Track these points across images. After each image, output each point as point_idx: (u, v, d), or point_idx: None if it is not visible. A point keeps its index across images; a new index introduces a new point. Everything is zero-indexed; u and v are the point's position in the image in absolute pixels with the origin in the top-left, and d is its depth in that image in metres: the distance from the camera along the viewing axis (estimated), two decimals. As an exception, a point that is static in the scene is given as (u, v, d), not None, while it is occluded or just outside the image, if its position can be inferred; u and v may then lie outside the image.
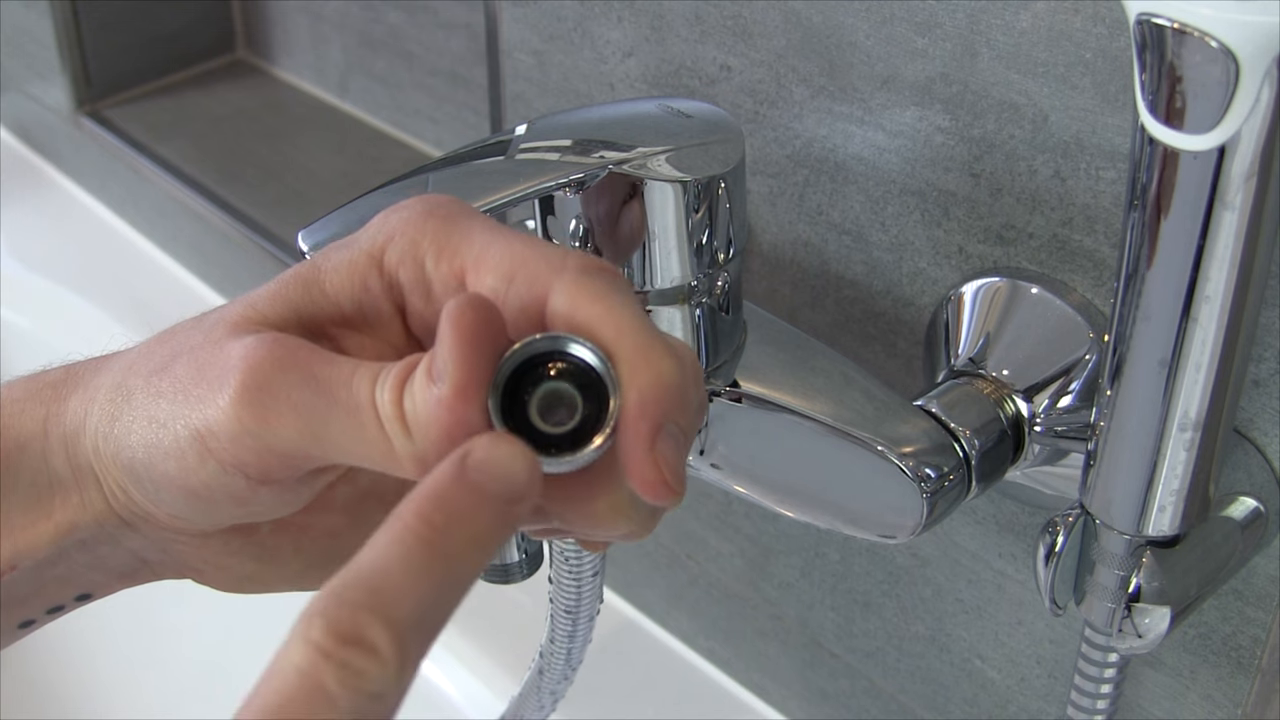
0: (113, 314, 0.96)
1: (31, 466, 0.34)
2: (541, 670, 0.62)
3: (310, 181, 0.91)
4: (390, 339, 0.33)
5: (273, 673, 0.26)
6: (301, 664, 0.25)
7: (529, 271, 0.30)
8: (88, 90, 1.01)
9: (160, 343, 0.34)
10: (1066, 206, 0.48)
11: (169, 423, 0.32)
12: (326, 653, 0.25)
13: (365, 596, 0.26)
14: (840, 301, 0.57)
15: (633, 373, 0.29)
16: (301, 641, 0.25)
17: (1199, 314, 0.37)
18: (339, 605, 0.26)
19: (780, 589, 0.67)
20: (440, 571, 0.27)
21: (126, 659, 0.96)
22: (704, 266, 0.46)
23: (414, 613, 0.26)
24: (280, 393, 0.30)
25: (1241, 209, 0.35)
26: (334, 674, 0.25)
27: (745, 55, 0.56)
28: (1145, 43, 0.34)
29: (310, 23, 0.94)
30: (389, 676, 0.25)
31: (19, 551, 0.34)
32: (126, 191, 1.03)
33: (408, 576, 0.26)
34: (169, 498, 0.33)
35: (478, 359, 0.28)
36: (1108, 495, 0.43)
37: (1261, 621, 0.48)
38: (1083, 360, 0.49)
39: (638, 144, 0.44)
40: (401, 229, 0.32)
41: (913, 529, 0.47)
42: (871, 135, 0.53)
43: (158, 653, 0.94)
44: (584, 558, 0.57)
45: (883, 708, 0.65)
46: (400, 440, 0.29)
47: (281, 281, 0.33)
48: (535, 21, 0.65)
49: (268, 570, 0.36)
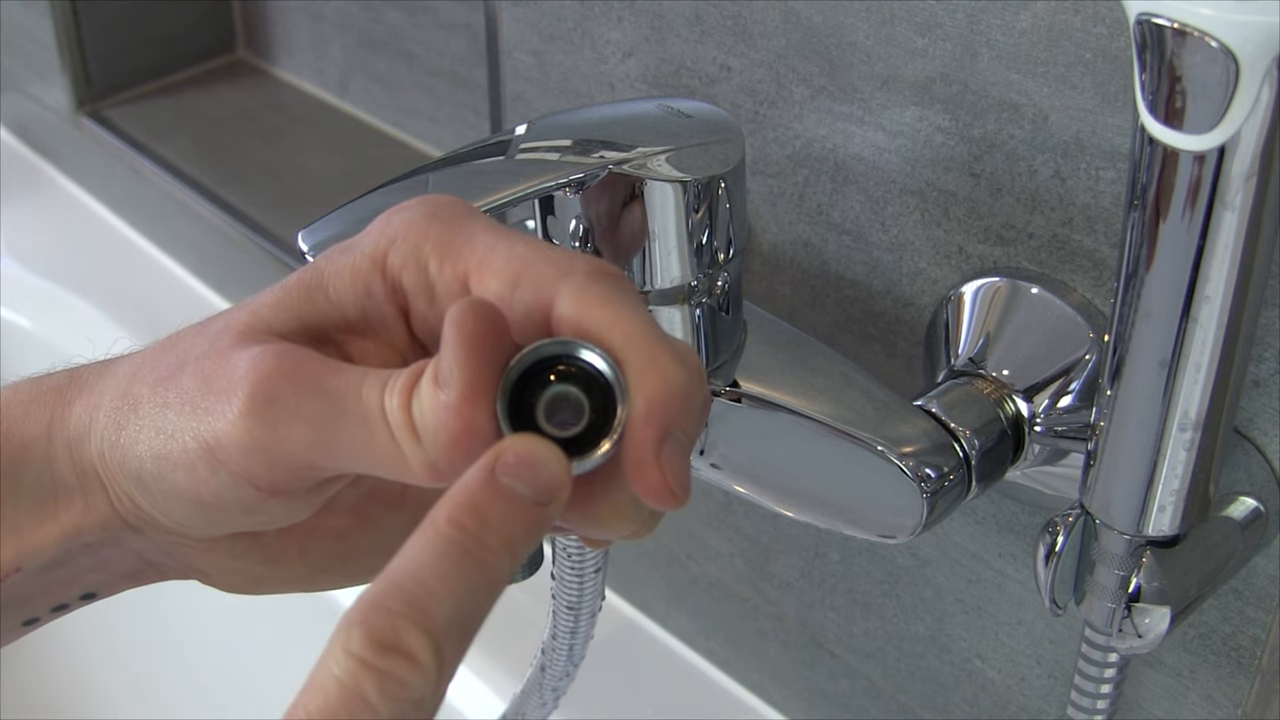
0: (112, 314, 0.96)
1: (35, 470, 0.34)
2: (544, 667, 0.62)
3: (310, 181, 0.90)
4: (394, 343, 0.33)
5: (313, 684, 0.26)
6: (341, 675, 0.25)
7: (534, 275, 0.30)
8: (88, 90, 1.01)
9: (165, 350, 0.34)
10: (1066, 206, 0.48)
11: (177, 434, 0.32)
12: (366, 662, 0.25)
13: (401, 605, 0.26)
14: (840, 301, 0.57)
15: (641, 379, 0.29)
16: (341, 652, 0.26)
17: (1199, 314, 0.37)
18: (376, 614, 0.26)
19: (780, 589, 0.67)
20: (474, 576, 0.27)
21: (128, 659, 0.96)
22: (704, 266, 0.46)
23: (450, 618, 0.26)
24: (289, 405, 0.30)
25: (1241, 209, 0.35)
26: (374, 683, 0.25)
27: (745, 55, 0.56)
28: (1145, 43, 0.34)
29: (310, 23, 0.94)
30: (428, 683, 0.26)
31: (23, 554, 0.34)
32: (126, 191, 1.03)
33: (442, 582, 0.26)
34: (178, 507, 0.33)
35: (484, 364, 0.28)
36: (1108, 495, 0.43)
37: (1261, 621, 0.48)
38: (1083, 360, 0.49)
39: (638, 144, 0.44)
40: (404, 232, 0.32)
41: (913, 529, 0.47)
42: (871, 135, 0.53)
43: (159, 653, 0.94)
44: (586, 554, 0.57)
45: (883, 708, 0.65)
46: (410, 447, 0.29)
47: (285, 288, 0.33)
48: (535, 21, 0.65)
49: (273, 572, 0.36)
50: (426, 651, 0.26)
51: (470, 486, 0.28)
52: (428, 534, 0.27)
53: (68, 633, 0.78)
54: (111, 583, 0.36)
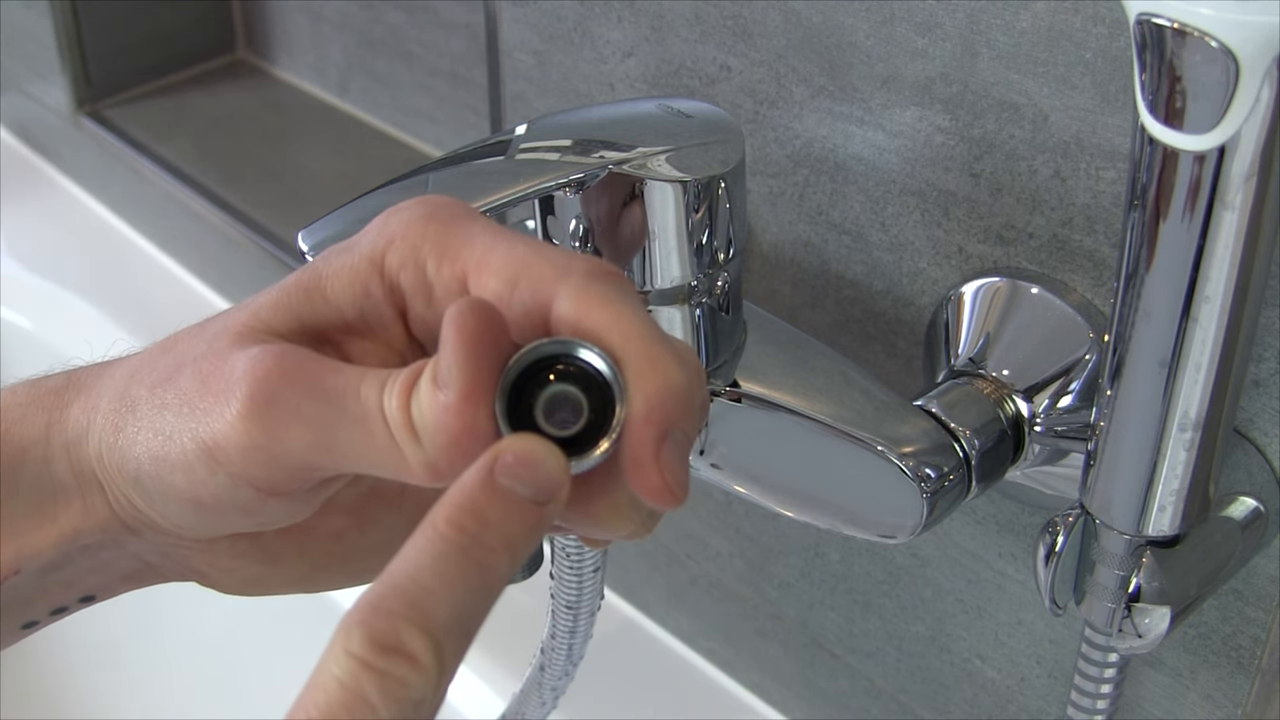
0: (112, 314, 0.96)
1: (33, 472, 0.34)
2: (543, 666, 0.62)
3: (310, 181, 0.90)
4: (392, 343, 0.33)
5: (313, 686, 0.26)
6: (342, 676, 0.25)
7: (533, 275, 0.30)
8: (88, 90, 1.01)
9: (163, 351, 0.34)
10: (1066, 206, 0.48)
11: (175, 435, 0.32)
12: (366, 663, 0.25)
13: (402, 606, 0.26)
14: (840, 301, 0.57)
15: (640, 379, 0.29)
16: (341, 653, 0.26)
17: (1199, 314, 0.37)
18: (376, 615, 0.26)
19: (780, 589, 0.67)
20: (474, 576, 0.27)
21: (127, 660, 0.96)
22: (704, 266, 0.46)
23: (450, 619, 0.26)
24: (288, 405, 0.30)
25: (1241, 209, 0.35)
26: (375, 684, 0.25)
27: (745, 55, 0.56)
28: (1145, 43, 0.34)
29: (310, 23, 0.94)
30: (429, 683, 0.26)
31: (22, 556, 0.34)
32: (126, 191, 1.03)
33: (442, 583, 0.26)
34: (176, 508, 0.33)
35: (482, 364, 0.28)
36: (1108, 495, 0.43)
37: (1261, 621, 0.48)
38: (1083, 360, 0.49)
39: (638, 144, 0.44)
40: (402, 233, 0.32)
41: (913, 529, 0.47)
42: (871, 135, 0.53)
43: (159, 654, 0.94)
44: (585, 553, 0.57)
45: (883, 708, 0.65)
46: (409, 447, 0.29)
47: (283, 289, 0.33)
48: (535, 21, 0.65)
49: (272, 573, 0.36)
50: (427, 652, 0.26)
51: (469, 487, 0.28)
52: (427, 535, 0.27)
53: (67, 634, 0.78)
54: (110, 585, 0.36)
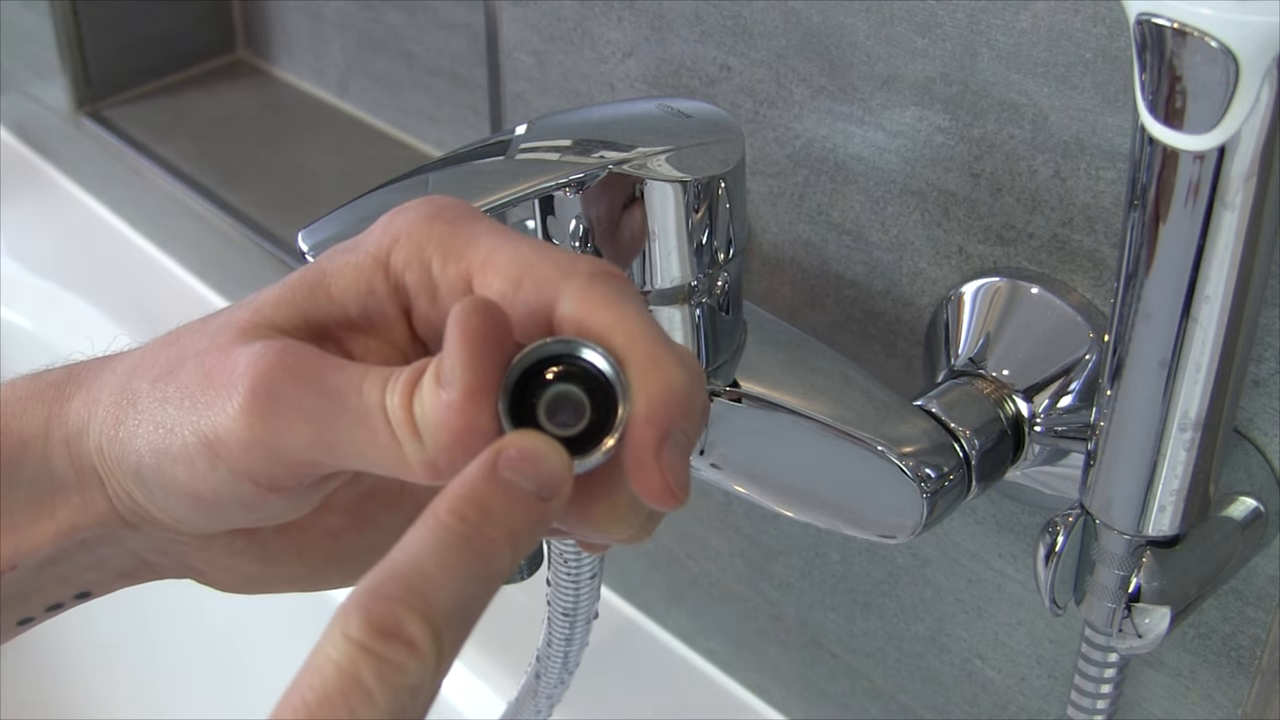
0: (112, 314, 0.96)
1: (33, 466, 0.34)
2: (538, 674, 0.62)
3: (310, 181, 0.90)
4: (396, 342, 0.33)
5: (310, 669, 0.26)
6: (339, 659, 0.25)
7: (537, 276, 0.30)
8: (88, 90, 1.01)
9: (164, 346, 0.34)
10: (1066, 206, 0.48)
11: (176, 429, 0.32)
12: (364, 647, 0.25)
13: (401, 591, 0.26)
14: (840, 301, 0.57)
15: (643, 379, 0.29)
16: (339, 636, 0.26)
17: (1199, 314, 0.37)
18: (375, 600, 0.26)
19: (780, 589, 0.67)
20: (475, 566, 0.27)
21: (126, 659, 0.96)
22: (704, 266, 0.46)
23: (450, 607, 0.26)
24: (290, 401, 0.30)
25: (1241, 209, 0.35)
26: (372, 668, 0.25)
27: (745, 55, 0.56)
28: (1145, 43, 0.34)
29: (310, 23, 0.94)
30: (426, 670, 0.26)
31: (19, 550, 0.34)
32: (126, 191, 1.03)
33: (443, 571, 0.26)
34: (175, 503, 0.33)
35: (486, 363, 0.29)
36: (1108, 495, 0.43)
37: (1261, 621, 0.48)
38: (1083, 360, 0.49)
39: (638, 144, 0.44)
40: (407, 232, 0.32)
41: (913, 529, 0.47)
42: (871, 135, 0.53)
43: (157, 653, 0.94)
44: (583, 560, 0.57)
45: (883, 708, 0.65)
46: (411, 445, 0.29)
47: (287, 285, 0.33)
48: (535, 21, 0.65)
49: (270, 571, 0.36)
50: (426, 638, 0.26)
51: (472, 479, 0.28)
52: (429, 524, 0.27)
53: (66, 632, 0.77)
54: (107, 581, 0.36)
